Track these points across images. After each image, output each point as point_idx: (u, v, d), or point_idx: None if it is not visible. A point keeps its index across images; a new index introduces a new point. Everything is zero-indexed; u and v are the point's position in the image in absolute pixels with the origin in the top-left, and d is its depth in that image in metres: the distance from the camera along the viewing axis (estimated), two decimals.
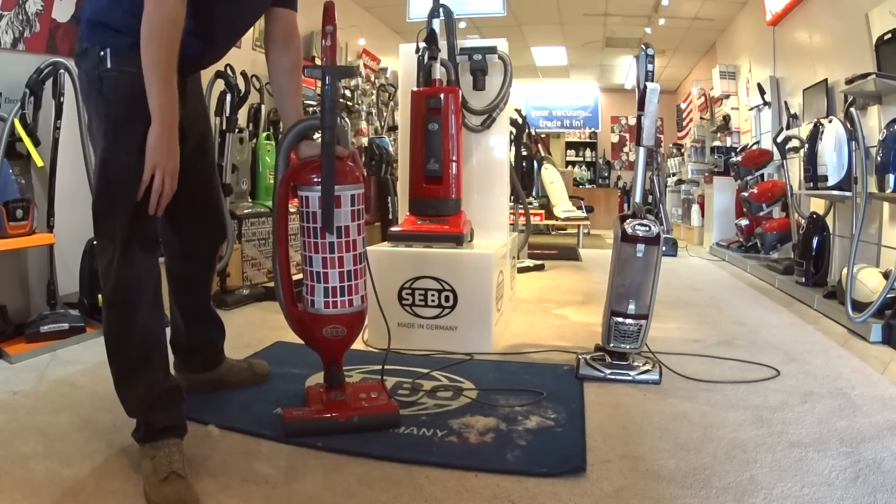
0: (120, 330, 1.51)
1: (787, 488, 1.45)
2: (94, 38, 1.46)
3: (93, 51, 1.45)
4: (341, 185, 1.72)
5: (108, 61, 1.43)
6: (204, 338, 1.99)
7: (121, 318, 1.50)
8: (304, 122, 1.83)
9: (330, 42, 1.76)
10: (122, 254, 1.45)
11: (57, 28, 3.00)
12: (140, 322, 1.50)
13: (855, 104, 3.38)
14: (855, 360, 2.48)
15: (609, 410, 1.94)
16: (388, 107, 6.86)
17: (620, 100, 11.81)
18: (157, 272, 1.56)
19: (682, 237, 7.70)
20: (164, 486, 1.39)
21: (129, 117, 1.42)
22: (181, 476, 1.42)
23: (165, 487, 1.39)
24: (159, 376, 1.54)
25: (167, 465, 1.43)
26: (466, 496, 1.42)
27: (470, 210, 2.99)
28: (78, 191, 3.05)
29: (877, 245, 3.44)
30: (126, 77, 1.41)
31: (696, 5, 6.81)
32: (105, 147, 1.45)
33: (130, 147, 1.42)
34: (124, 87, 1.42)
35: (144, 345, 1.52)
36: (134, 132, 1.41)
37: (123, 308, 1.49)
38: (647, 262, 2.13)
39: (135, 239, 1.47)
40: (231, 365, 2.10)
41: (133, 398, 1.53)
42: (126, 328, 1.50)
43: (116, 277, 1.47)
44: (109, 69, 1.43)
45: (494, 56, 2.97)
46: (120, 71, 1.43)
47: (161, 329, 1.57)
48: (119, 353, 1.53)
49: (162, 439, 1.49)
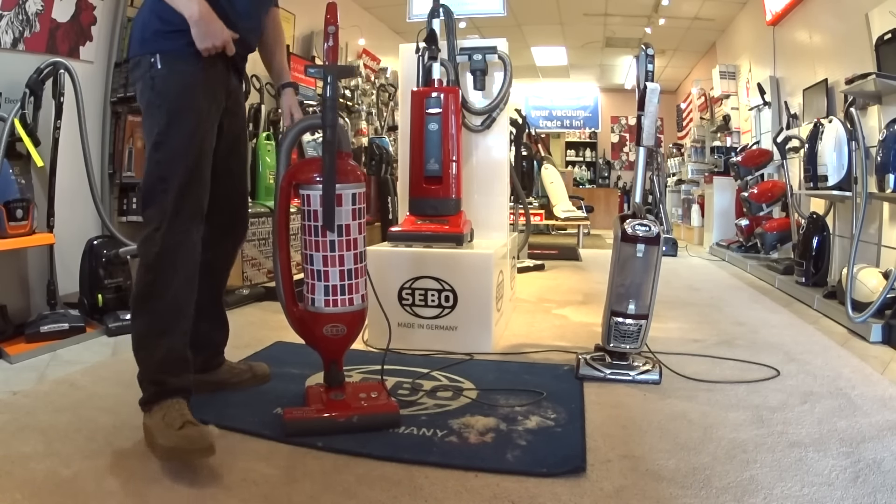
0: (153, 294, 1.62)
1: (787, 488, 1.45)
2: (145, 48, 1.68)
3: (144, 60, 1.68)
4: (342, 183, 1.72)
5: (159, 63, 1.66)
6: (208, 336, 1.99)
7: (157, 282, 1.62)
8: (304, 121, 1.84)
9: (332, 42, 1.76)
10: (169, 223, 1.61)
11: (57, 28, 3.00)
12: (174, 290, 1.63)
13: (855, 104, 3.38)
14: (855, 360, 2.48)
15: (609, 410, 1.94)
16: (388, 107, 6.86)
17: (620, 100, 11.81)
18: (198, 251, 1.70)
19: (682, 237, 7.70)
20: (182, 431, 1.50)
21: (181, 108, 1.65)
22: (195, 424, 1.55)
23: (182, 432, 1.50)
24: (179, 344, 1.65)
25: (181, 417, 1.54)
26: (466, 496, 1.42)
27: (470, 210, 3.00)
28: (78, 191, 3.05)
29: (877, 245, 3.44)
30: (176, 75, 1.66)
31: (696, 5, 6.81)
32: (159, 132, 1.64)
33: (182, 132, 1.64)
34: (175, 84, 1.66)
35: (174, 312, 1.64)
36: (184, 120, 1.65)
37: (161, 273, 1.62)
38: (647, 262, 2.13)
39: (183, 212, 1.64)
40: (231, 367, 2.10)
41: (152, 361, 1.63)
42: (160, 293, 1.62)
43: (162, 243, 1.61)
44: (160, 69, 1.66)
45: (494, 56, 2.96)
46: (170, 70, 1.66)
47: (189, 304, 1.69)
48: (147, 316, 1.64)
49: (172, 398, 1.60)
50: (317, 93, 4.89)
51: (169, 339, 1.63)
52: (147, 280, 1.63)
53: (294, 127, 1.84)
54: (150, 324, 1.64)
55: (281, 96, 2.02)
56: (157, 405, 1.59)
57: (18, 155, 2.74)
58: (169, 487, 1.44)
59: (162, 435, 1.50)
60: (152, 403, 1.60)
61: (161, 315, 1.63)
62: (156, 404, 1.59)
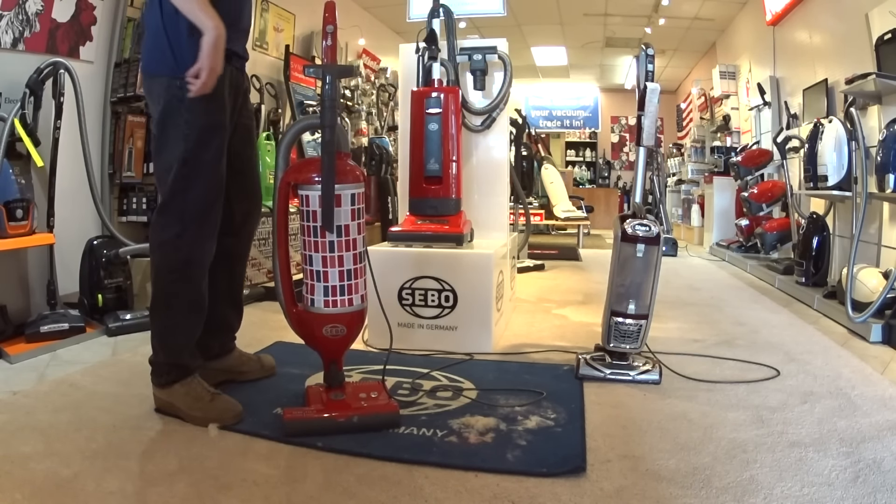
0: (178, 293, 1.81)
1: (787, 488, 1.45)
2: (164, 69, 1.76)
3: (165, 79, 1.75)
4: (341, 184, 1.72)
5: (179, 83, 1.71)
6: (226, 320, 2.12)
7: (180, 280, 1.79)
8: (303, 120, 1.85)
9: (330, 42, 1.76)
10: (195, 233, 1.77)
11: (57, 28, 3.00)
12: (194, 285, 1.82)
13: (855, 104, 3.38)
14: (855, 360, 2.48)
15: (609, 410, 1.94)
16: (388, 107, 6.86)
17: (620, 100, 11.81)
18: (213, 254, 1.86)
19: (682, 237, 7.70)
20: (214, 404, 1.78)
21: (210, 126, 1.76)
22: (220, 394, 1.81)
23: (215, 404, 1.78)
24: (198, 329, 1.86)
25: (206, 391, 1.81)
26: (466, 496, 1.42)
27: (470, 210, 3.00)
28: (78, 191, 3.05)
29: (877, 245, 3.44)
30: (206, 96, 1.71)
31: (696, 5, 6.81)
32: (187, 149, 1.74)
33: (209, 150, 1.76)
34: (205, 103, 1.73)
35: (196, 303, 1.84)
36: (211, 139, 1.76)
37: (187, 277, 1.79)
38: (647, 262, 2.13)
39: (207, 223, 1.80)
40: (240, 354, 2.18)
41: (175, 345, 1.83)
42: (185, 292, 1.81)
43: (188, 251, 1.78)
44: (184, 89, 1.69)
45: (494, 56, 2.96)
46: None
47: (206, 301, 1.88)
48: (171, 308, 1.82)
49: (190, 377, 1.83)
50: (316, 93, 4.89)
51: (191, 326, 1.85)
52: (171, 279, 1.80)
53: (293, 127, 1.85)
54: (174, 318, 1.82)
55: None
56: (178, 383, 1.81)
57: (18, 155, 2.74)
58: (169, 487, 1.44)
59: (194, 408, 1.77)
60: (174, 382, 1.82)
61: (184, 312, 1.82)
62: (178, 382, 1.82)
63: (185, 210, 1.75)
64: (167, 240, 1.78)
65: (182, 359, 1.84)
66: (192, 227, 1.77)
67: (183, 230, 1.76)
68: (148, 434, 1.73)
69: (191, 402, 1.78)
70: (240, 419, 1.77)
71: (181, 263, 1.79)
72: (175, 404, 1.81)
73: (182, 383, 1.82)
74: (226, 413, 1.77)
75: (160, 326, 1.84)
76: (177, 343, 1.83)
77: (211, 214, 1.81)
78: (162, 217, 1.79)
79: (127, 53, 3.37)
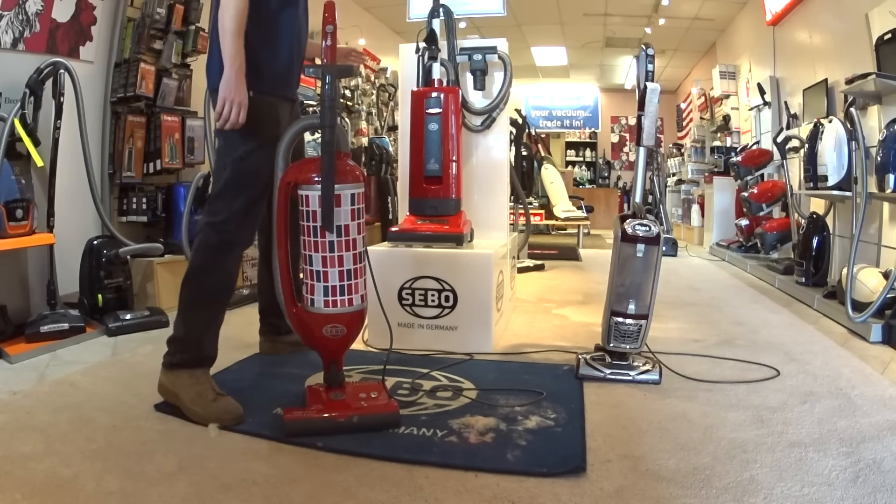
0: (210, 269, 1.92)
1: (787, 488, 1.45)
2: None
3: None
4: (341, 184, 1.72)
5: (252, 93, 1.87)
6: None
7: (215, 260, 1.92)
8: (303, 120, 1.84)
9: (330, 42, 1.76)
10: (239, 222, 1.91)
11: (57, 28, 3.00)
12: (226, 269, 1.94)
13: (855, 104, 3.38)
14: (855, 360, 2.48)
15: (609, 410, 1.94)
16: (388, 107, 6.86)
17: (620, 100, 11.81)
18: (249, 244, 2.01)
19: (682, 237, 7.70)
20: (216, 404, 1.81)
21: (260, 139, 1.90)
22: (224, 395, 1.85)
23: (218, 404, 1.81)
24: (220, 314, 1.94)
25: (211, 390, 1.85)
26: (466, 496, 1.42)
27: (470, 210, 2.99)
28: (78, 191, 3.06)
29: (877, 245, 3.44)
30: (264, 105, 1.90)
31: (696, 5, 6.81)
32: (245, 151, 1.90)
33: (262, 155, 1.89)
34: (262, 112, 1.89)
35: (224, 286, 1.95)
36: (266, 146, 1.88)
37: (221, 257, 1.92)
38: (647, 262, 2.13)
39: (251, 217, 1.94)
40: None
41: (197, 324, 1.92)
42: (216, 268, 1.92)
43: (230, 236, 1.91)
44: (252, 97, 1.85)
45: (494, 56, 2.96)
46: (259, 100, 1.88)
47: (231, 288, 1.99)
48: (200, 286, 1.92)
49: (203, 367, 1.90)
50: (316, 93, 4.89)
51: (215, 308, 1.94)
52: (207, 258, 1.92)
53: (293, 127, 1.85)
54: (202, 291, 1.92)
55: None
56: (186, 371, 1.87)
57: (18, 155, 2.74)
58: (169, 487, 1.44)
59: (196, 403, 1.81)
60: (182, 367, 1.87)
61: (214, 285, 1.93)
62: (186, 370, 1.87)
63: (233, 203, 1.91)
64: (214, 223, 1.92)
65: (199, 340, 1.91)
66: (236, 218, 1.91)
67: (229, 218, 1.91)
68: (148, 434, 1.73)
69: (194, 395, 1.82)
70: (239, 422, 1.79)
71: (220, 244, 1.92)
72: (178, 394, 1.85)
73: (191, 373, 1.86)
74: (225, 414, 1.79)
75: (186, 300, 1.93)
76: (198, 320, 1.92)
77: (254, 210, 1.95)
78: (214, 205, 1.96)
79: (127, 53, 3.37)
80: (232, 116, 1.81)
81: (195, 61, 3.71)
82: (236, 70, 1.80)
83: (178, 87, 3.59)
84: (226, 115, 1.81)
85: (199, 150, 3.70)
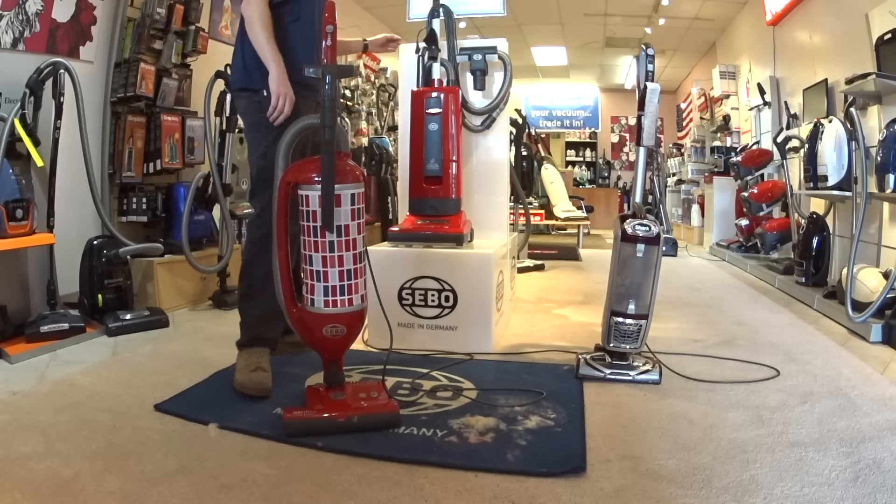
0: (254, 263, 2.12)
1: (787, 488, 1.45)
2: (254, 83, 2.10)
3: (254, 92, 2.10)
4: (341, 184, 1.72)
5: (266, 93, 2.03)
6: None
7: (259, 254, 2.09)
8: (303, 121, 1.84)
9: (330, 42, 1.76)
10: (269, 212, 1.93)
11: (57, 28, 3.00)
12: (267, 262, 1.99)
13: (855, 104, 3.38)
14: (855, 360, 2.48)
15: (609, 410, 1.94)
16: (388, 107, 6.86)
17: (620, 100, 11.81)
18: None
19: (682, 237, 7.70)
20: (250, 374, 2.00)
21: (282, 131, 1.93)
22: (265, 370, 2.04)
23: (251, 375, 2.00)
24: (273, 303, 1.95)
25: (256, 362, 2.05)
26: (466, 496, 1.42)
27: (470, 210, 2.99)
28: (78, 191, 3.05)
29: (877, 245, 3.44)
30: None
31: (696, 5, 6.81)
32: (267, 145, 2.05)
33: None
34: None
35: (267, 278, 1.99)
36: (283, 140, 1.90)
37: (264, 247, 2.03)
38: (647, 262, 2.13)
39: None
40: None
41: (252, 314, 2.16)
42: (263, 261, 2.05)
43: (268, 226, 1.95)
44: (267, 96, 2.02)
45: (494, 56, 2.96)
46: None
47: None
48: (252, 279, 2.13)
49: (258, 346, 2.11)
50: None
51: (264, 298, 2.06)
52: (252, 252, 2.13)
53: (292, 127, 1.85)
54: (251, 285, 2.14)
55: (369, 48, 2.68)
56: (247, 349, 2.11)
57: (18, 155, 2.74)
58: (169, 487, 1.44)
59: (239, 372, 2.04)
60: (244, 347, 2.12)
61: (262, 278, 2.06)
62: (246, 348, 2.11)
63: (263, 198, 2.06)
64: (252, 219, 2.17)
65: (257, 325, 2.13)
66: (268, 210, 1.97)
67: (262, 211, 2.07)
68: (148, 434, 1.73)
69: (241, 366, 2.06)
70: (267, 395, 1.98)
71: (260, 237, 2.10)
72: (236, 367, 2.09)
73: (248, 351, 2.10)
74: (254, 384, 1.98)
75: (242, 292, 2.19)
76: (252, 309, 2.14)
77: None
78: (251, 202, 2.17)
79: (127, 53, 3.37)
80: (286, 109, 2.00)
81: (195, 61, 3.71)
82: (279, 67, 1.99)
83: (178, 87, 3.59)
84: (280, 107, 2.00)
85: (198, 150, 3.70)
